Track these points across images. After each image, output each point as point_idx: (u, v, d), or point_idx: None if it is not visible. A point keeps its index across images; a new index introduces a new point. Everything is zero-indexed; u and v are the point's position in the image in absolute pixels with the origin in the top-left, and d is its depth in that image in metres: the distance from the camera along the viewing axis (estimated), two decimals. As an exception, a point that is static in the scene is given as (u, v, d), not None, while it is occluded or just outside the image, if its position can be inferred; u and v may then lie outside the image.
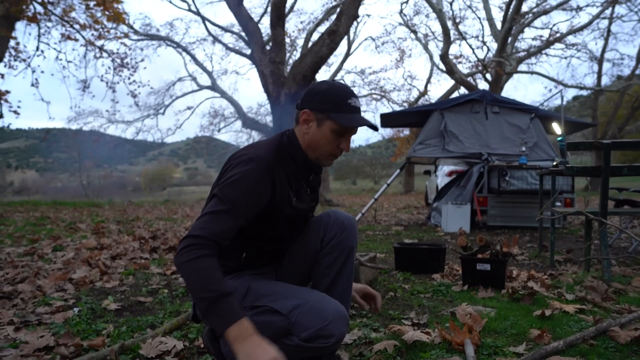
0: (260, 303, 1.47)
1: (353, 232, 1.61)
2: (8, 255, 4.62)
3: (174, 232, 6.05)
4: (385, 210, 11.66)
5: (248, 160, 1.44)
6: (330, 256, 1.58)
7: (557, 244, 5.16)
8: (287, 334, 1.41)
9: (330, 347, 1.42)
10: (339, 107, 1.49)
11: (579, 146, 3.10)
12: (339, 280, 1.61)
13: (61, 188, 34.79)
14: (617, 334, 1.92)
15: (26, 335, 2.38)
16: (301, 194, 1.63)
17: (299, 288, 1.57)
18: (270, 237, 1.60)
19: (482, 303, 2.62)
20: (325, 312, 1.40)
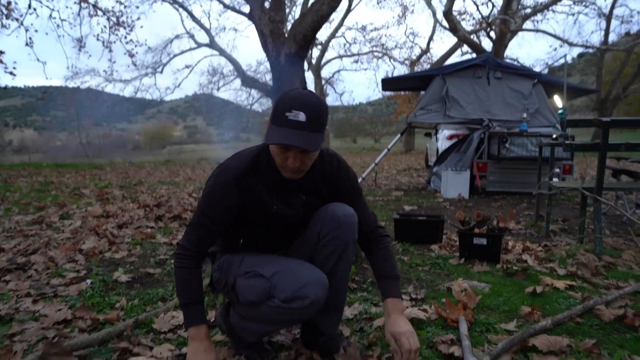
0: (249, 269, 1.63)
1: (349, 227, 1.63)
2: (17, 223, 4.74)
3: (177, 199, 6.15)
4: (385, 172, 11.75)
5: (219, 172, 1.59)
6: (327, 249, 1.65)
7: (554, 212, 5.27)
8: (271, 296, 1.54)
9: (306, 309, 1.52)
10: (277, 119, 1.43)
11: (578, 123, 3.13)
12: (338, 269, 1.69)
13: (61, 147, 34.76)
14: (602, 312, 2.04)
15: (44, 308, 2.52)
16: (289, 201, 1.65)
17: (289, 259, 1.68)
18: (259, 233, 1.71)
19: (478, 278, 2.74)
20: (302, 277, 1.53)
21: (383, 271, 1.69)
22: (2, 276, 3.08)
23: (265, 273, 1.56)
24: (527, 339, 1.81)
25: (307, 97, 1.44)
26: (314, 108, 1.42)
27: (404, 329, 1.54)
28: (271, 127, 1.45)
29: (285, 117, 1.40)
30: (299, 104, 1.41)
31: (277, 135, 1.41)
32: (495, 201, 6.31)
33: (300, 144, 1.39)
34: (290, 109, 1.40)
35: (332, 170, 1.69)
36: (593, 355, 1.70)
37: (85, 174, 10.66)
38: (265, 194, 1.61)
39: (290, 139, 1.39)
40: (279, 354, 1.91)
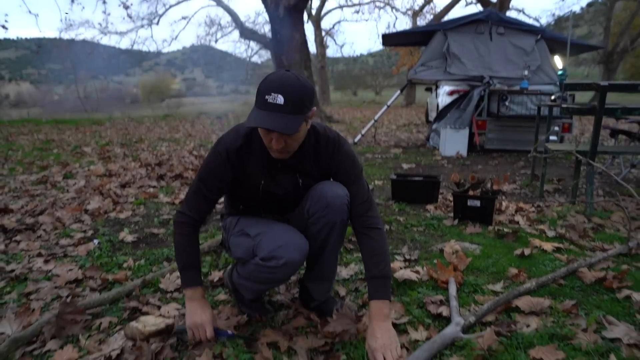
0: (239, 228, 1.78)
1: (336, 208, 1.67)
2: (22, 183, 4.83)
3: (178, 157, 6.21)
4: (385, 127, 11.73)
5: (216, 144, 1.69)
6: (315, 226, 1.72)
7: (551, 170, 5.36)
8: (254, 254, 1.66)
9: (281, 269, 1.61)
10: (258, 101, 1.46)
11: (576, 87, 3.13)
12: (326, 245, 1.77)
13: (58, 102, 34.32)
14: (584, 275, 2.15)
15: (56, 268, 2.64)
16: (279, 179, 1.71)
17: (278, 223, 1.77)
18: (254, 205, 1.80)
19: (470, 239, 2.85)
20: (280, 239, 1.64)
21: (368, 271, 1.66)
22: (13, 236, 3.20)
23: (250, 232, 1.71)
24: (511, 300, 1.93)
25: (288, 79, 1.45)
26: (294, 91, 1.44)
27: (380, 343, 1.52)
28: (253, 109, 1.48)
29: (265, 99, 1.43)
30: (278, 86, 1.43)
31: (254, 118, 1.44)
32: (493, 159, 6.37)
33: (274, 127, 1.42)
34: (269, 92, 1.43)
35: (327, 154, 1.70)
36: (571, 316, 1.83)
37: (85, 130, 10.66)
38: (255, 170, 1.68)
39: (265, 122, 1.42)
40: (278, 312, 2.04)
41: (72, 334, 1.93)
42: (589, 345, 1.60)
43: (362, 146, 7.86)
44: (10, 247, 3.00)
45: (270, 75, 1.49)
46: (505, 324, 1.78)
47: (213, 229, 3.27)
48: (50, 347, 1.84)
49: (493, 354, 1.61)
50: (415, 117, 15.84)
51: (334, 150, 1.71)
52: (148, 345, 1.79)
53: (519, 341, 1.66)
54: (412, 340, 1.73)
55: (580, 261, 2.29)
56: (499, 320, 1.83)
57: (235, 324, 1.93)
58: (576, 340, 1.63)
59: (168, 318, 1.96)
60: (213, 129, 11.32)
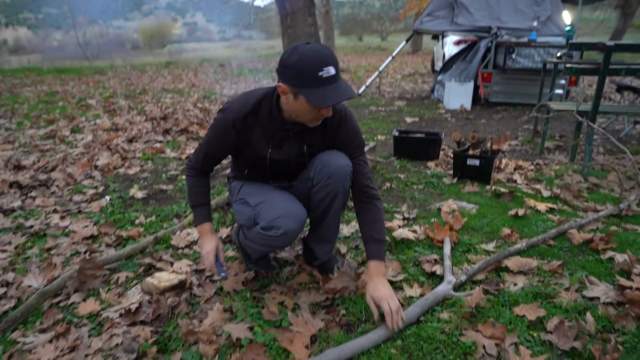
0: (242, 196, 1.89)
1: (339, 178, 1.75)
2: (31, 138, 4.92)
3: (183, 110, 6.24)
4: (390, 77, 11.57)
5: (224, 109, 1.73)
6: (318, 194, 1.81)
7: (554, 125, 5.38)
8: (256, 223, 1.78)
9: (280, 237, 1.71)
10: (309, 82, 1.45)
11: (581, 47, 3.10)
12: (329, 211, 1.87)
13: (58, 48, 33.69)
14: (573, 236, 2.27)
15: (72, 225, 2.79)
16: (285, 148, 1.76)
17: (278, 191, 1.87)
18: (259, 171, 1.87)
19: (467, 198, 2.95)
20: (279, 209, 1.73)
21: (369, 235, 1.75)
22: (28, 193, 3.33)
23: (251, 202, 1.82)
24: (501, 260, 2.06)
25: (323, 50, 1.47)
26: (333, 57, 1.48)
27: (384, 294, 1.63)
28: (306, 90, 1.47)
29: (319, 77, 1.44)
30: (323, 59, 1.44)
31: (326, 97, 1.45)
32: (497, 113, 6.37)
33: (350, 94, 1.48)
34: (320, 68, 1.44)
35: (333, 125, 1.75)
36: (556, 275, 1.96)
37: (88, 81, 10.59)
38: (260, 138, 1.73)
39: (341, 95, 1.46)
40: (283, 269, 2.18)
41: (92, 288, 2.10)
42: (569, 303, 1.73)
43: (366, 98, 7.83)
44: (27, 203, 3.14)
45: (304, 54, 1.45)
46: (493, 283, 1.91)
47: (220, 185, 3.37)
48: (75, 300, 2.01)
49: (480, 310, 1.75)
50: (421, 66, 15.55)
51: (340, 122, 1.76)
52: (165, 299, 1.95)
53: (505, 299, 1.80)
54: (407, 297, 1.88)
55: (571, 222, 2.39)
56: (488, 279, 1.96)
57: (243, 279, 2.08)
58: (558, 299, 1.77)
59: (181, 274, 2.11)
60: (216, 79, 11.22)
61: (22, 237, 2.65)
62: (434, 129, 5.36)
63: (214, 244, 1.84)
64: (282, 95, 1.58)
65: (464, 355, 1.53)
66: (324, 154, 1.79)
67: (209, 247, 1.83)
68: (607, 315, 1.64)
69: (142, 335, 1.72)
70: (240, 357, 1.57)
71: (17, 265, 2.35)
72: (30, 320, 1.88)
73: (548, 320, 1.64)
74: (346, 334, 1.68)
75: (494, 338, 1.57)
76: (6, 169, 3.77)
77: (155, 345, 1.67)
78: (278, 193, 1.84)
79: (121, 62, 20.22)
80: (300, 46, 1.48)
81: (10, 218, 2.91)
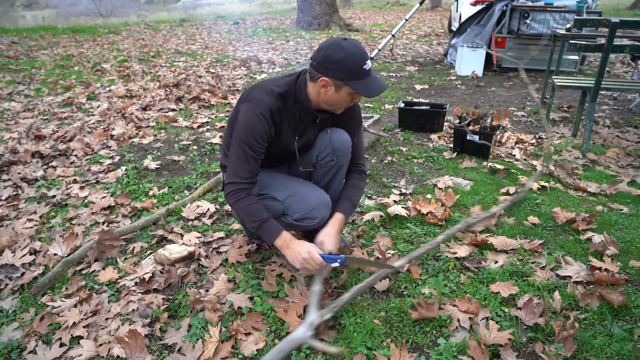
0: (264, 192, 1.96)
1: (343, 152, 1.94)
2: (50, 106, 5.11)
3: (195, 77, 6.33)
4: (405, 38, 11.35)
5: (255, 107, 1.72)
6: (324, 168, 1.99)
7: (563, 94, 5.35)
8: (284, 214, 1.93)
9: (315, 225, 1.91)
10: (355, 75, 1.62)
11: (586, 23, 3.07)
12: (333, 182, 2.04)
13: (71, 1, 33.40)
14: (557, 215, 2.39)
15: (91, 195, 3.00)
16: (308, 133, 1.90)
17: (295, 180, 2.01)
18: (275, 156, 1.96)
19: (463, 174, 3.06)
20: (310, 201, 1.88)
21: (346, 194, 1.97)
22: (49, 162, 3.55)
23: (279, 197, 1.89)
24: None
25: (360, 45, 1.65)
26: (366, 52, 1.66)
27: (320, 239, 1.81)
28: (354, 82, 1.63)
29: (364, 69, 1.62)
30: (365, 54, 1.64)
31: (371, 87, 1.64)
32: (508, 80, 6.31)
33: (386, 84, 1.68)
34: (364, 61, 1.62)
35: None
36: (535, 254, 2.10)
37: (102, 42, 10.65)
38: (289, 127, 1.85)
39: (380, 85, 1.66)
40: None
41: (110, 257, 2.32)
42: (542, 282, 1.88)
43: (377, 63, 7.78)
44: (49, 173, 3.35)
45: (349, 51, 1.60)
46: (475, 260, 2.07)
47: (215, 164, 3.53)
48: (95, 268, 2.23)
49: (461, 286, 1.92)
50: (438, 24, 15.14)
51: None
52: (175, 270, 2.15)
53: (484, 276, 1.96)
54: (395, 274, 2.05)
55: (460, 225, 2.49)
56: (472, 256, 2.12)
57: (247, 251, 2.27)
58: (532, 277, 1.92)
59: (190, 246, 2.31)
60: (230, 39, 11.17)
61: (45, 206, 2.87)
62: (442, 97, 5.38)
63: (308, 244, 1.72)
64: (321, 89, 1.68)
65: (440, 328, 1.71)
66: (326, 132, 1.95)
67: (306, 248, 1.68)
68: (574, 294, 1.79)
69: (155, 302, 1.94)
70: (241, 324, 1.77)
71: (42, 234, 2.58)
72: (57, 286, 2.11)
73: (519, 298, 1.80)
74: (336, 306, 1.86)
75: (469, 313, 1.75)
76: (28, 139, 3.98)
77: (167, 312, 1.88)
78: (299, 183, 1.96)
79: (135, 19, 20.08)
80: (341, 42, 1.62)
81: (34, 188, 3.13)
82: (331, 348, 1.49)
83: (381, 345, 1.65)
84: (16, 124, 4.50)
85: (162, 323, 1.83)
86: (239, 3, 36.48)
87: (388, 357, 1.57)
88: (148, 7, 35.43)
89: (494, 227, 2.34)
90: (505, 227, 2.35)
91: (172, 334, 1.79)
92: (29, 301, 2.01)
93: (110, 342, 1.75)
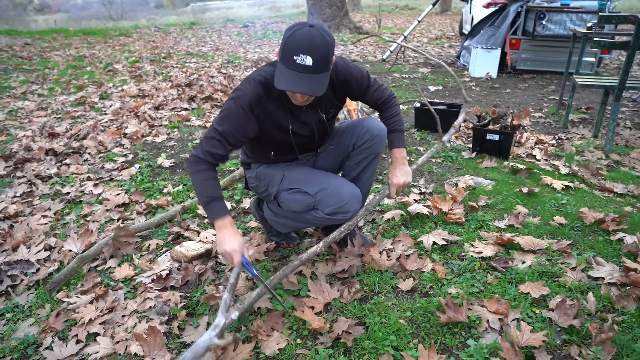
0: (294, 186, 1.89)
1: (382, 141, 1.91)
2: (63, 105, 5.10)
3: (207, 77, 6.31)
4: (415, 41, 11.29)
5: (235, 97, 1.68)
6: (359, 156, 1.94)
7: (581, 96, 5.26)
8: (315, 208, 1.85)
9: (347, 220, 1.87)
10: (285, 60, 1.51)
11: (611, 20, 3.00)
12: (364, 175, 1.99)
13: (82, 6, 33.80)
14: (585, 215, 2.31)
15: (105, 192, 2.97)
16: (304, 120, 1.81)
17: (324, 174, 1.94)
18: (286, 146, 1.89)
19: (484, 174, 2.99)
20: (343, 195, 1.82)
21: (390, 127, 1.95)
22: (63, 160, 3.52)
23: (310, 191, 1.82)
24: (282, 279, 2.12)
25: (314, 38, 1.49)
26: (321, 51, 1.49)
27: (398, 175, 1.90)
28: (280, 65, 1.54)
29: (294, 60, 1.49)
30: (306, 47, 1.48)
31: (285, 80, 1.52)
32: (523, 82, 6.23)
33: (307, 91, 1.52)
34: (297, 53, 1.48)
35: (339, 84, 1.82)
36: (565, 255, 2.02)
37: (114, 44, 10.70)
38: (280, 116, 1.76)
39: (298, 85, 1.51)
40: (303, 240, 2.31)
41: (126, 254, 2.27)
42: (574, 283, 1.81)
43: (389, 64, 7.72)
44: (62, 170, 3.33)
45: (296, 33, 1.50)
46: (502, 260, 2.00)
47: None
48: (111, 265, 2.19)
49: (488, 287, 1.85)
50: (448, 28, 15.07)
51: (345, 76, 1.81)
52: (192, 267, 2.10)
53: (512, 276, 1.89)
54: (419, 271, 1.98)
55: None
56: (497, 256, 2.05)
57: (265, 249, 2.22)
58: (563, 278, 1.85)
59: (207, 243, 2.26)
60: (240, 42, 11.17)
61: (60, 203, 2.84)
62: (456, 98, 5.31)
63: (240, 241, 1.63)
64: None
65: (468, 328, 1.64)
66: (362, 120, 1.92)
67: (235, 245, 1.61)
68: (609, 296, 1.72)
69: (173, 300, 1.89)
70: (261, 324, 1.72)
71: (57, 230, 2.54)
72: (72, 282, 2.07)
73: (551, 299, 1.73)
74: (359, 305, 1.81)
75: (498, 313, 1.68)
76: (42, 136, 3.97)
77: (184, 309, 1.83)
78: (330, 177, 1.89)
79: (145, 22, 20.22)
80: (303, 26, 1.52)
81: (48, 184, 3.11)
82: (229, 338, 1.47)
83: (408, 345, 1.58)
84: (30, 122, 4.49)
85: (180, 321, 1.78)
86: (248, 7, 36.66)
87: (416, 357, 1.51)
88: (157, 11, 35.72)
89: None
90: (531, 226, 2.28)
91: (191, 332, 1.74)
92: (45, 297, 1.97)
93: (128, 340, 1.70)
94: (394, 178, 1.92)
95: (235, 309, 1.59)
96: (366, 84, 1.89)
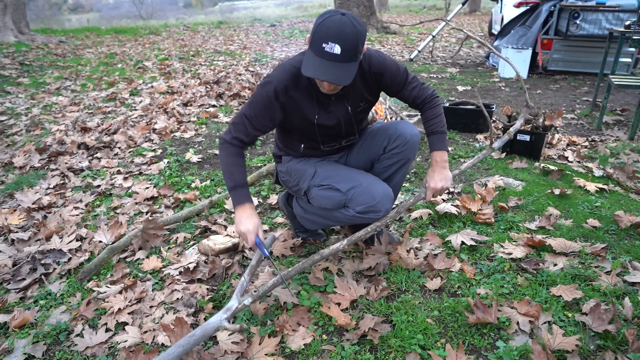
0: (325, 182, 1.87)
1: (414, 147, 1.87)
2: (94, 100, 5.23)
3: (235, 75, 6.37)
4: (444, 41, 11.15)
5: (263, 84, 1.70)
6: (389, 160, 1.91)
7: (616, 98, 5.10)
8: (345, 206, 1.84)
9: (379, 218, 1.84)
10: (314, 47, 1.50)
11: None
12: (394, 177, 1.96)
13: (114, 6, 34.69)
14: (620, 219, 2.23)
15: (134, 186, 3.02)
16: (331, 111, 1.78)
17: (357, 171, 1.92)
18: (311, 137, 1.87)
19: (514, 175, 2.93)
20: (375, 193, 1.79)
21: (430, 129, 1.86)
22: (94, 154, 3.61)
23: (341, 188, 1.80)
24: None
25: (345, 27, 1.47)
26: (350, 40, 1.47)
27: (433, 185, 1.83)
28: (309, 52, 1.54)
29: (322, 48, 1.48)
30: (336, 35, 1.46)
31: (312, 67, 1.51)
32: (554, 82, 6.08)
33: (332, 79, 1.50)
34: (327, 40, 1.47)
35: (372, 76, 1.77)
36: (599, 258, 1.96)
37: (144, 42, 10.92)
38: (306, 105, 1.75)
39: (324, 73, 1.50)
40: (329, 237, 2.31)
41: (154, 246, 2.31)
42: (608, 287, 1.75)
43: (417, 64, 7.65)
44: (94, 164, 3.41)
45: (327, 21, 1.49)
46: (533, 262, 1.95)
47: (271, 152, 3.50)
48: (139, 256, 2.23)
49: (518, 288, 1.80)
50: (477, 28, 14.82)
51: (378, 68, 1.76)
52: (219, 260, 2.12)
53: (544, 278, 1.84)
54: (446, 270, 1.95)
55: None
56: (528, 257, 2.00)
57: (292, 245, 2.22)
58: (597, 282, 1.79)
59: (234, 237, 2.28)
60: (267, 40, 11.24)
61: (91, 195, 2.91)
62: (486, 99, 5.22)
63: (256, 223, 1.68)
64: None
65: (498, 330, 1.61)
66: (395, 124, 1.88)
67: (250, 226, 1.66)
68: (646, 301, 1.65)
69: (199, 292, 1.91)
70: (287, 319, 1.72)
71: (88, 221, 2.61)
72: (102, 272, 2.12)
73: (584, 302, 1.67)
74: (386, 302, 1.79)
75: (529, 316, 1.63)
76: (74, 130, 4.07)
77: (211, 302, 1.85)
78: (362, 175, 1.86)
79: (174, 22, 20.58)
80: (335, 14, 1.50)
81: (80, 177, 3.19)
82: (236, 327, 1.52)
83: (435, 345, 1.56)
84: (63, 117, 4.62)
85: (207, 313, 1.80)
86: (275, 7, 36.89)
87: (444, 357, 1.48)
88: (186, 11, 36.31)
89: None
90: (563, 229, 2.22)
91: (217, 324, 1.75)
92: (76, 286, 2.02)
93: (155, 330, 1.73)
94: (431, 182, 1.85)
95: (249, 295, 1.64)
96: (403, 79, 1.82)
